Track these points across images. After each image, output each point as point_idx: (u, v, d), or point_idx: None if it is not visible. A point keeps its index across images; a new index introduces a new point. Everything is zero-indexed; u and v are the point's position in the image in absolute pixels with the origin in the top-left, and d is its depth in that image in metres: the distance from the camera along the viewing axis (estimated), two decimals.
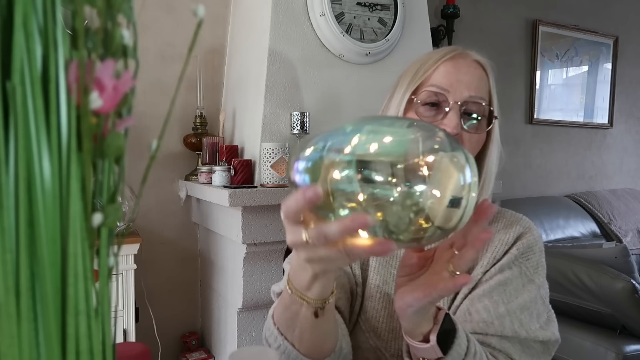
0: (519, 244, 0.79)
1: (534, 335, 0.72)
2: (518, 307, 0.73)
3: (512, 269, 0.77)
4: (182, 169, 2.12)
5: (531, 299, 0.75)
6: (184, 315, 2.17)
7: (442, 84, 0.77)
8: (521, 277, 0.76)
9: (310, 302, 0.59)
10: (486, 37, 3.04)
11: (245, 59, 1.96)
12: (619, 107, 3.74)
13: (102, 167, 0.30)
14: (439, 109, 0.77)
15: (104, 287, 0.30)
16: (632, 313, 1.85)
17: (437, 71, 0.78)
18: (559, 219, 2.98)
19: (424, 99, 0.77)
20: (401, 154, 0.43)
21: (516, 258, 0.78)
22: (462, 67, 0.78)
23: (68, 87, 0.27)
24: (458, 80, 0.77)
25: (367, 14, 1.86)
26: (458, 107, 0.75)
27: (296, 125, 1.64)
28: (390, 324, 0.80)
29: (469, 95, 0.76)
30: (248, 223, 1.58)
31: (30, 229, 0.26)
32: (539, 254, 0.80)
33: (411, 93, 0.79)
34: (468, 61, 0.79)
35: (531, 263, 0.78)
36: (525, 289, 0.75)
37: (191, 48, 0.31)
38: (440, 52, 0.81)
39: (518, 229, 0.81)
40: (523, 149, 3.30)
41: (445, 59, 0.79)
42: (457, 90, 0.76)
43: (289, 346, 0.66)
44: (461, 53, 0.80)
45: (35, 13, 0.26)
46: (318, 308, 0.60)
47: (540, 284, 0.78)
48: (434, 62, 0.79)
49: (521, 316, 0.73)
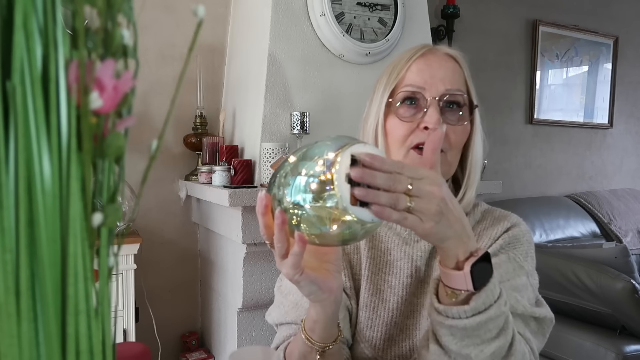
0: (505, 236, 0.78)
1: (530, 311, 0.71)
2: (510, 287, 0.73)
3: (499, 255, 0.76)
4: (182, 169, 2.12)
5: (522, 283, 0.74)
6: (184, 315, 2.17)
7: (416, 82, 0.77)
8: (510, 262, 0.76)
9: (314, 344, 0.64)
10: (486, 37, 3.04)
11: (245, 59, 1.96)
12: (619, 107, 3.74)
13: (102, 167, 0.30)
14: (418, 107, 0.77)
15: (104, 287, 0.30)
16: (632, 313, 1.85)
17: (409, 71, 0.78)
18: (559, 219, 2.98)
19: (401, 98, 0.77)
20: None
21: (502, 247, 0.77)
22: (433, 63, 0.78)
23: (68, 87, 0.27)
24: (432, 76, 0.77)
25: (367, 14, 1.86)
26: (436, 103, 0.75)
27: (296, 125, 1.64)
28: (385, 332, 0.79)
29: (445, 89, 0.76)
30: (248, 223, 1.58)
31: (30, 229, 0.26)
32: (527, 245, 0.79)
33: (388, 96, 0.79)
34: (439, 56, 0.79)
35: (519, 251, 0.78)
36: (515, 274, 0.75)
37: (191, 48, 0.31)
38: (410, 52, 0.81)
39: (505, 224, 0.80)
40: (523, 149, 3.30)
41: (416, 57, 0.79)
42: (433, 86, 0.76)
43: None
44: (431, 49, 0.81)
45: (35, 13, 0.26)
46: (323, 350, 0.64)
47: (530, 272, 0.77)
48: (405, 62, 0.79)
49: (514, 294, 0.72)
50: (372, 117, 0.82)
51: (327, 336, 0.64)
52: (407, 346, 0.79)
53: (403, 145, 0.77)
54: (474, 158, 0.81)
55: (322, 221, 0.52)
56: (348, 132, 2.00)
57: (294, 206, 0.52)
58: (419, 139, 0.76)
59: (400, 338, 0.79)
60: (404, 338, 0.79)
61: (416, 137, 0.76)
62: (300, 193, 0.51)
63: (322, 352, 0.64)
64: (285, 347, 0.74)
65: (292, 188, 0.52)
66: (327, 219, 0.51)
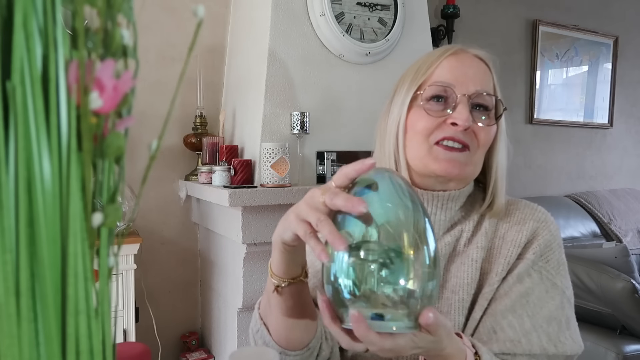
0: (535, 246, 0.74)
1: (562, 349, 0.69)
2: (544, 320, 0.70)
3: (531, 276, 0.73)
4: (182, 169, 2.12)
5: (556, 306, 0.71)
6: (184, 315, 2.17)
7: (447, 79, 0.74)
8: (543, 283, 0.73)
9: (273, 277, 0.64)
10: (486, 37, 3.03)
11: (245, 59, 1.96)
12: (619, 107, 3.74)
13: (102, 167, 0.30)
14: (447, 103, 0.74)
15: (104, 287, 0.30)
16: (632, 313, 1.85)
17: (440, 67, 0.76)
18: (559, 219, 2.97)
19: (430, 93, 0.74)
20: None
21: (534, 263, 0.73)
22: (465, 61, 0.76)
23: (68, 87, 0.27)
24: (464, 74, 0.74)
25: (367, 14, 1.86)
26: (467, 100, 0.73)
27: (296, 125, 1.64)
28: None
29: (475, 89, 0.74)
30: (248, 223, 1.58)
31: (30, 229, 0.26)
32: (558, 251, 0.76)
33: (415, 90, 0.76)
34: (470, 56, 0.77)
35: (551, 265, 0.74)
36: (549, 296, 0.72)
37: (191, 48, 0.31)
38: (441, 50, 0.79)
39: (531, 225, 0.76)
40: (523, 149, 3.30)
41: (448, 55, 0.77)
42: (464, 84, 0.73)
43: (264, 330, 0.71)
44: (462, 49, 0.78)
45: (35, 13, 0.26)
46: (279, 285, 0.63)
47: (564, 286, 0.74)
48: (436, 58, 0.77)
49: (549, 329, 0.70)
50: (395, 112, 0.78)
51: (283, 269, 0.62)
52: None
53: (426, 140, 0.74)
54: (499, 163, 0.79)
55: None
56: (348, 131, 2.00)
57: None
58: (444, 133, 0.73)
59: None
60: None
61: (442, 132, 0.73)
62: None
63: (277, 287, 0.63)
64: (258, 301, 0.76)
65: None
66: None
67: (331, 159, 1.72)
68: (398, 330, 0.49)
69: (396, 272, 0.48)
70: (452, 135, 0.73)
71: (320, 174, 1.74)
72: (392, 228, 0.49)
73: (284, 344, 0.69)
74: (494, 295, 0.73)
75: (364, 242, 0.49)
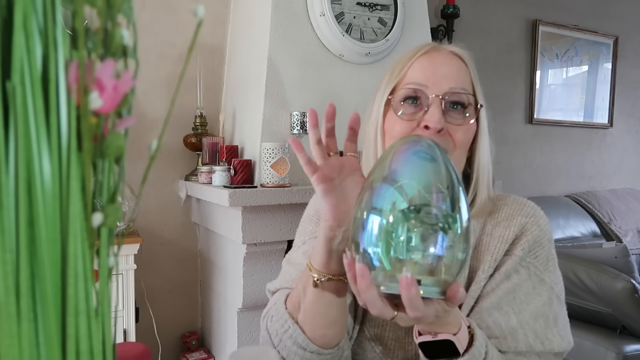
0: (524, 242, 0.73)
1: (550, 347, 0.69)
2: (531, 317, 0.69)
3: (519, 272, 0.72)
4: (182, 169, 2.12)
5: (544, 302, 0.71)
6: (184, 315, 2.17)
7: (418, 79, 0.73)
8: (530, 279, 0.72)
9: (313, 270, 0.64)
10: (486, 37, 3.04)
11: (245, 58, 1.96)
12: (619, 107, 3.74)
13: (102, 167, 0.30)
14: (419, 105, 0.73)
15: (104, 287, 0.30)
16: (632, 313, 1.85)
17: (412, 68, 0.75)
18: (559, 219, 2.98)
19: (402, 96, 0.74)
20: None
21: (522, 259, 0.73)
22: (437, 60, 0.74)
23: (68, 87, 0.27)
24: (435, 74, 0.73)
25: (367, 14, 1.86)
26: (439, 101, 0.71)
27: (296, 125, 1.64)
28: (395, 332, 0.77)
29: (448, 88, 0.72)
30: (248, 223, 1.58)
31: (30, 229, 0.26)
32: (547, 247, 0.75)
33: (389, 93, 0.76)
34: (443, 54, 0.76)
35: (540, 260, 0.73)
36: (536, 292, 0.71)
37: (191, 48, 0.31)
38: (414, 49, 0.78)
39: (519, 220, 0.75)
40: (523, 149, 3.30)
41: (419, 55, 0.75)
42: (436, 84, 0.72)
43: (296, 329, 0.68)
44: (435, 47, 0.77)
45: (35, 13, 0.26)
46: (318, 279, 0.64)
47: (553, 282, 0.73)
48: (408, 59, 0.76)
49: (535, 326, 0.69)
50: (373, 116, 0.78)
51: (324, 263, 0.64)
52: (413, 350, 0.76)
53: None
54: (480, 161, 0.77)
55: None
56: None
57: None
58: None
59: (407, 341, 0.77)
60: (410, 341, 0.77)
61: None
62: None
63: (318, 282, 0.64)
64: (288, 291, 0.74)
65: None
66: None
67: None
68: (428, 295, 0.50)
69: (431, 239, 0.49)
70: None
71: None
72: (426, 195, 0.51)
73: (320, 342, 0.68)
74: (480, 293, 0.73)
75: (400, 210, 0.50)
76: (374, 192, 0.52)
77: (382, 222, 0.50)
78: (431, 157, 0.53)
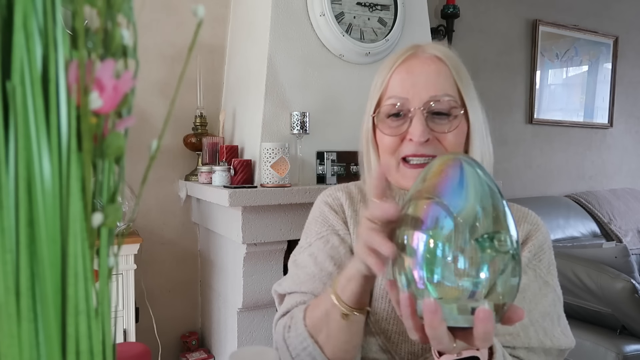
0: (530, 246, 0.76)
1: (557, 343, 0.72)
2: (540, 315, 0.72)
3: (527, 273, 0.74)
4: (182, 169, 2.12)
5: (549, 303, 0.74)
6: (184, 315, 2.17)
7: (398, 92, 0.74)
8: (537, 281, 0.75)
9: (343, 305, 0.64)
10: (486, 37, 3.04)
11: (245, 59, 1.96)
12: (619, 107, 3.74)
13: (102, 167, 0.30)
14: (403, 118, 0.73)
15: (104, 287, 0.30)
16: (632, 313, 1.85)
17: (392, 80, 0.75)
18: (559, 219, 2.98)
19: (385, 113, 0.75)
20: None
21: (529, 261, 0.76)
22: (415, 69, 0.74)
23: (68, 87, 0.27)
24: (414, 85, 0.73)
25: (367, 14, 1.86)
26: (421, 112, 0.71)
27: (296, 125, 1.64)
28: (400, 326, 0.78)
29: (429, 97, 0.72)
30: (248, 223, 1.58)
31: (30, 229, 0.26)
32: (549, 253, 0.78)
33: (373, 110, 0.77)
34: (421, 60, 0.75)
35: (544, 264, 0.76)
36: (542, 293, 0.74)
37: (191, 48, 0.31)
38: (392, 58, 0.77)
39: (525, 227, 0.78)
40: (523, 149, 3.30)
41: (397, 65, 0.75)
42: (416, 95, 0.72)
43: (316, 348, 0.69)
44: (414, 53, 0.76)
45: (35, 13, 0.26)
46: (348, 314, 0.64)
47: (555, 285, 0.77)
48: (388, 70, 0.76)
49: (544, 324, 0.72)
50: (364, 128, 0.81)
51: (356, 300, 0.63)
52: (417, 343, 0.77)
53: (393, 157, 0.75)
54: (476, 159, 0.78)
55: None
56: (348, 132, 2.00)
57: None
58: (407, 151, 0.73)
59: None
60: None
61: (405, 148, 0.74)
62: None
63: (346, 315, 0.63)
64: (305, 307, 0.74)
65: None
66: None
67: (331, 159, 1.72)
68: (456, 324, 0.46)
69: (501, 267, 0.45)
70: (414, 151, 0.73)
71: (320, 174, 1.74)
72: (474, 218, 0.46)
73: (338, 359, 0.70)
74: None
75: (442, 234, 0.46)
76: (430, 219, 0.47)
77: (446, 251, 0.45)
78: (479, 177, 0.48)
